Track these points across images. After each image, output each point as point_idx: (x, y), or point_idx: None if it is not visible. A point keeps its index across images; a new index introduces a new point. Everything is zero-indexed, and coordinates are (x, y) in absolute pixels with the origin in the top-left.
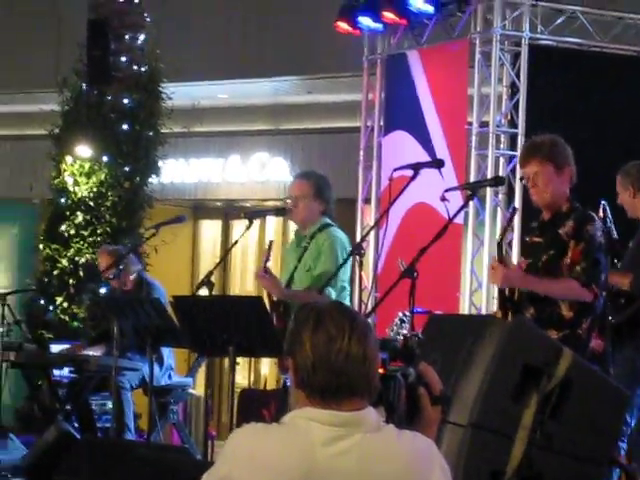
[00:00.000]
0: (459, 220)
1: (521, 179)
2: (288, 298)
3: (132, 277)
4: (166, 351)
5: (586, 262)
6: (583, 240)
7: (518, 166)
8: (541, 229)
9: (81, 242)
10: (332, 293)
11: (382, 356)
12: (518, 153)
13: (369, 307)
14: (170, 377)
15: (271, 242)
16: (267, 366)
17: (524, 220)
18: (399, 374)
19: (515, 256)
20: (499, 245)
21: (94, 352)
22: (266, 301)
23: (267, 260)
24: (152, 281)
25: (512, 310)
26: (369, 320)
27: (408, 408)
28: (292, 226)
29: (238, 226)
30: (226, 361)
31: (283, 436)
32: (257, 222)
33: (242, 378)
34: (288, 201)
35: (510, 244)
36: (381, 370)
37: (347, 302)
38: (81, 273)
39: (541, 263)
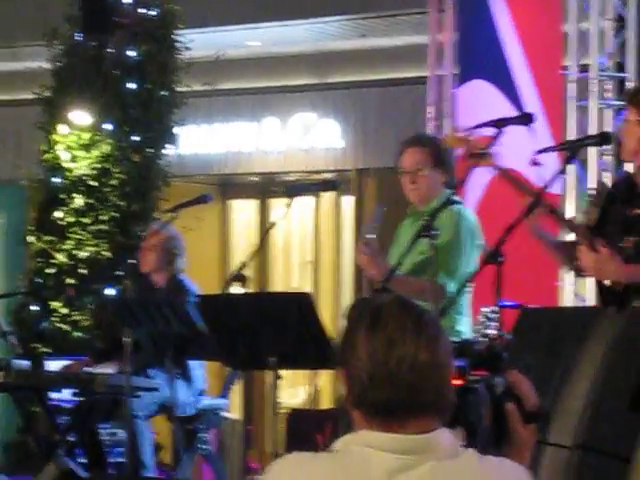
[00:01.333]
0: (556, 190)
1: None
2: (393, 285)
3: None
4: (196, 370)
5: None
6: None
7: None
8: None
9: (81, 232)
10: (449, 285)
11: (460, 364)
12: None
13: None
14: (199, 401)
15: (381, 208)
16: (322, 380)
17: None
18: (482, 386)
19: None
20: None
21: (104, 370)
22: (367, 289)
23: (372, 230)
24: (191, 286)
25: (616, 303)
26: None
27: (494, 428)
28: (347, 205)
29: (278, 206)
30: (268, 376)
31: (334, 467)
32: (302, 200)
33: (289, 396)
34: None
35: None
36: (458, 381)
37: (467, 301)
38: (82, 271)
39: None
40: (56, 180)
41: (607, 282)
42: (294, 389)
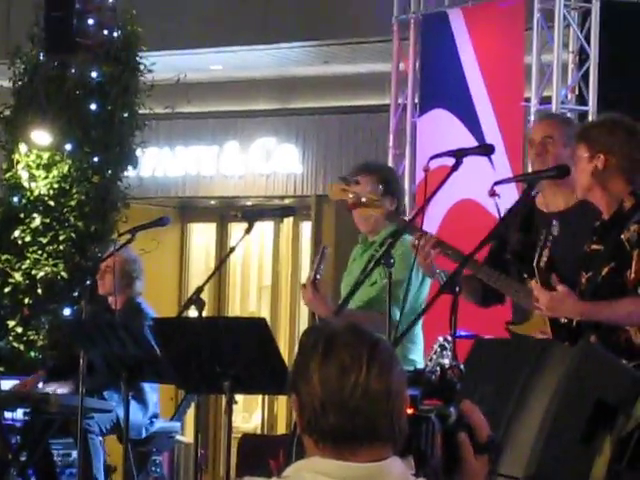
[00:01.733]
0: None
1: None
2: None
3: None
4: (149, 393)
5: None
6: None
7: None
8: (601, 233)
9: (39, 252)
10: (397, 314)
11: (412, 393)
12: None
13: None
14: (152, 423)
15: (324, 248)
16: (279, 405)
17: None
18: (433, 415)
19: None
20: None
21: (59, 389)
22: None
23: (317, 270)
24: (148, 309)
25: (570, 339)
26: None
27: (445, 458)
28: (306, 231)
29: (237, 230)
30: (223, 399)
31: None
32: (261, 225)
33: (242, 420)
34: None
35: None
36: (410, 410)
37: (419, 330)
38: (39, 291)
39: (601, 278)
40: (15, 199)
41: (562, 319)
42: (249, 414)
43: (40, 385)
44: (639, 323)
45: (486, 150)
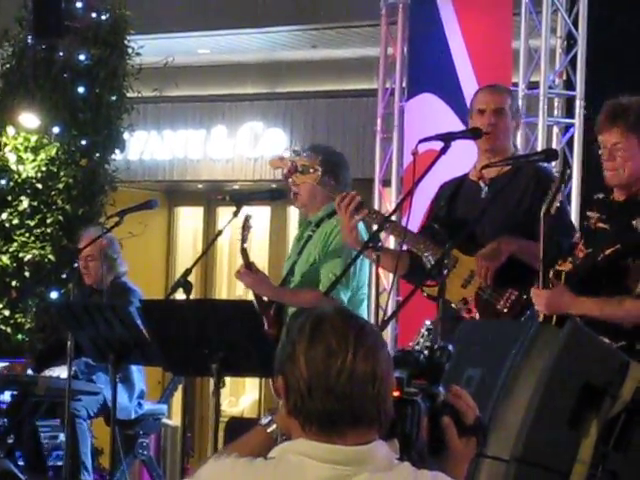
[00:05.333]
0: None
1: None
2: (280, 299)
3: (110, 277)
4: (135, 373)
5: None
6: None
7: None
8: (610, 212)
9: (26, 234)
10: (342, 295)
11: (399, 375)
12: (575, 121)
13: (388, 313)
14: (141, 406)
15: (247, 218)
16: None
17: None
18: (419, 398)
19: None
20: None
21: (52, 374)
22: (254, 303)
23: (244, 239)
24: (134, 287)
25: (558, 316)
26: (388, 330)
27: (431, 440)
28: (294, 215)
29: (224, 214)
30: (210, 382)
31: (269, 474)
32: (249, 209)
33: (229, 404)
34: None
35: None
36: (396, 393)
37: (364, 309)
38: (26, 273)
39: (602, 257)
40: (2, 182)
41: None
42: (235, 398)
43: (29, 372)
44: (636, 321)
45: (474, 134)
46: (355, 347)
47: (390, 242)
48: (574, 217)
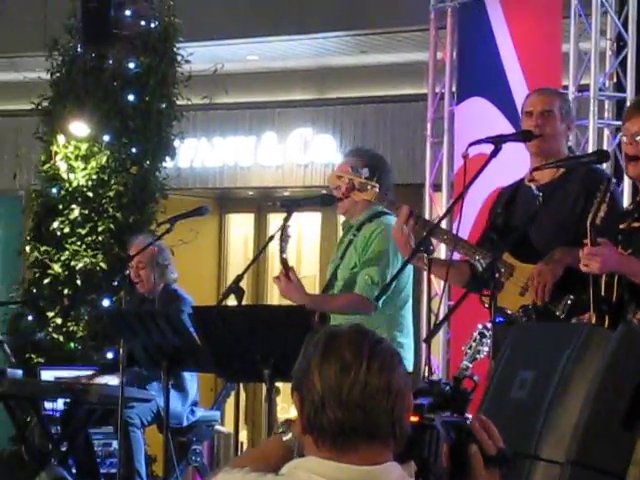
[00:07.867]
0: None
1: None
2: (314, 306)
3: (161, 284)
4: (188, 380)
5: None
6: None
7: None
8: None
9: (78, 243)
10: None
11: (421, 401)
12: None
13: (440, 318)
14: (194, 413)
15: (284, 228)
16: None
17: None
18: (438, 423)
19: None
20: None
21: (109, 381)
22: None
23: (283, 250)
24: (185, 295)
25: (610, 314)
26: (440, 334)
27: (453, 468)
28: (342, 220)
29: (275, 220)
30: (262, 388)
31: None
32: (301, 215)
33: (282, 410)
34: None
35: None
36: (415, 418)
37: (410, 314)
38: (78, 282)
39: None
40: (54, 191)
41: (602, 290)
42: (288, 404)
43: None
44: None
45: (525, 136)
46: (369, 360)
47: (441, 251)
48: None
